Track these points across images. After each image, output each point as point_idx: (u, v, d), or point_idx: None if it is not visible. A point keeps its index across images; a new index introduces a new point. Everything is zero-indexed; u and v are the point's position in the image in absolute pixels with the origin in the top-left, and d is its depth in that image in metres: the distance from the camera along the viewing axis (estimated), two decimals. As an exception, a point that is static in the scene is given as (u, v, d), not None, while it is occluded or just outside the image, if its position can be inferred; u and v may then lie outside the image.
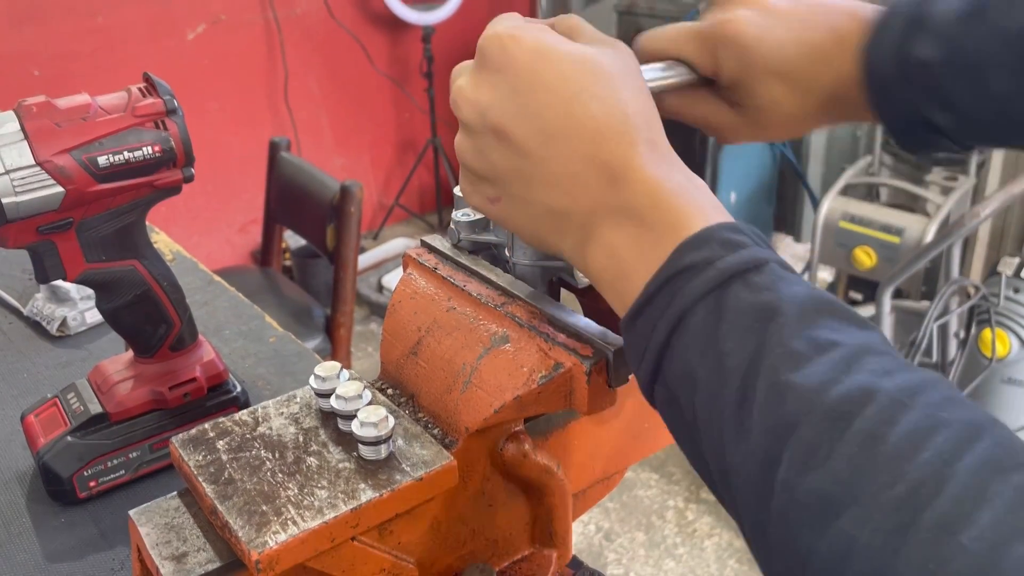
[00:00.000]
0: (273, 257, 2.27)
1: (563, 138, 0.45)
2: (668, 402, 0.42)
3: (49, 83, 2.73)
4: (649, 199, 0.44)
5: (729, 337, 0.39)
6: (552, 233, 0.47)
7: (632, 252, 0.44)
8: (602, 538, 2.25)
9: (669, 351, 0.41)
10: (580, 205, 0.45)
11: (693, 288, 0.40)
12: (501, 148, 0.46)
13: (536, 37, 0.46)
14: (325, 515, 0.47)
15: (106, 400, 0.76)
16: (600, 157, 0.45)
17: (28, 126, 0.63)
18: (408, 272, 0.61)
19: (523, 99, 0.45)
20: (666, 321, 0.41)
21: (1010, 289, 2.01)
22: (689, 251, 0.41)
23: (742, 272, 0.40)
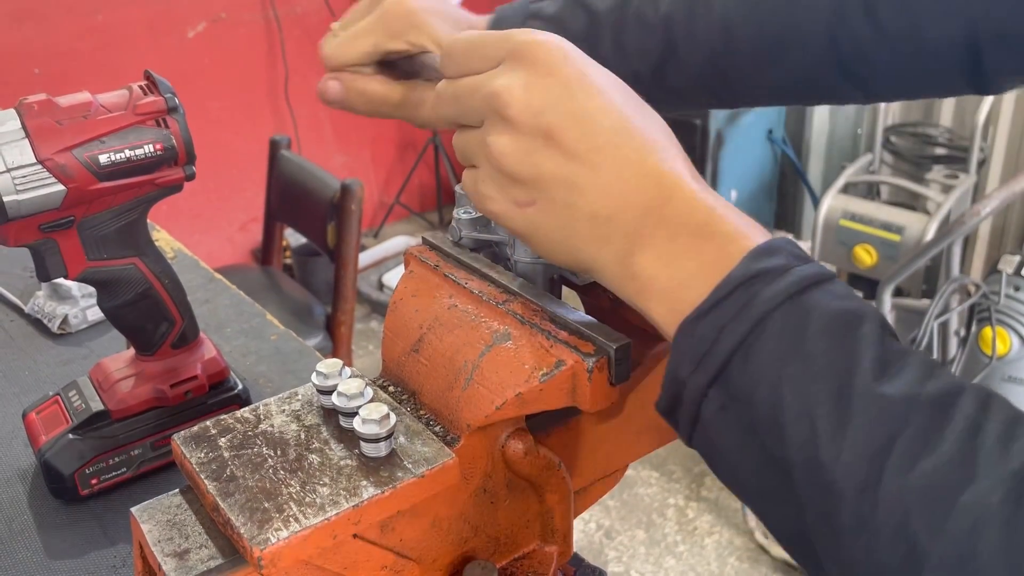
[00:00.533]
0: (274, 255, 2.27)
1: (615, 144, 0.45)
2: (728, 405, 0.41)
3: (50, 81, 2.73)
4: (705, 212, 0.45)
5: (819, 339, 0.39)
6: (590, 241, 0.47)
7: (691, 260, 0.44)
8: (603, 536, 2.25)
9: (743, 353, 0.41)
10: (628, 212, 0.45)
11: (772, 292, 0.41)
12: (550, 151, 0.46)
13: (575, 50, 0.47)
14: (327, 512, 0.47)
15: (107, 398, 0.76)
16: (649, 165, 0.45)
17: (29, 124, 0.63)
18: (409, 270, 0.61)
19: (578, 103, 0.45)
20: (742, 323, 0.41)
21: (1010, 287, 2.01)
22: (762, 258, 0.42)
23: (819, 280, 0.41)
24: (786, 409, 0.39)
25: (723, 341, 0.41)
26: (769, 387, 0.39)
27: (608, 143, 0.45)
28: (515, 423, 0.55)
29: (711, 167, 2.86)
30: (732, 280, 0.42)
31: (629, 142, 0.45)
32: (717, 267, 0.43)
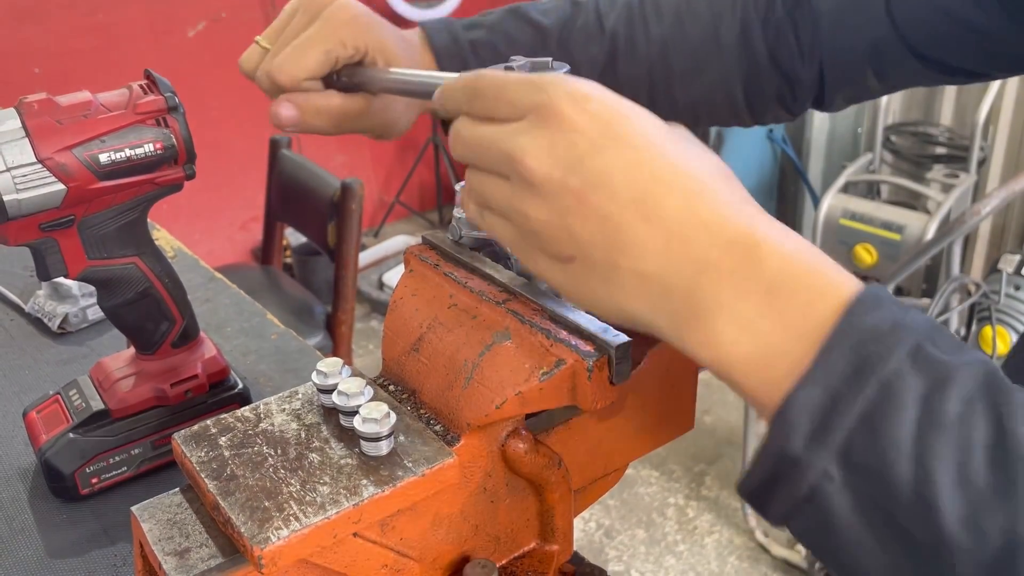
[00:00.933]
0: (274, 254, 2.27)
1: (655, 196, 0.42)
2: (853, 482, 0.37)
3: (50, 80, 2.73)
4: (777, 262, 0.40)
5: (956, 403, 0.36)
6: (640, 299, 0.43)
7: (774, 322, 0.39)
8: (603, 535, 2.25)
9: (867, 424, 0.36)
10: (681, 269, 0.41)
11: (889, 352, 0.37)
12: (582, 211, 0.42)
13: (610, 98, 0.44)
14: (327, 511, 0.47)
15: (108, 397, 0.76)
16: (700, 215, 0.41)
17: (29, 123, 0.63)
18: (410, 269, 0.61)
19: (606, 159, 0.42)
20: (862, 390, 0.37)
21: (1011, 286, 2.01)
22: (866, 312, 0.38)
23: (928, 333, 0.38)
24: (937, 483, 0.35)
25: (841, 411, 0.37)
26: (910, 460, 0.36)
27: (646, 196, 0.42)
28: (515, 422, 0.55)
29: (711, 166, 2.85)
30: (837, 341, 0.38)
31: (671, 192, 0.42)
32: (807, 327, 0.39)
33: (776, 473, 0.39)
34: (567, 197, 0.43)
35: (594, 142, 0.42)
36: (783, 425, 0.38)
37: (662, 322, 0.43)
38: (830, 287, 0.40)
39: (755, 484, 0.40)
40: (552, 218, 0.43)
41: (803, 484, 0.38)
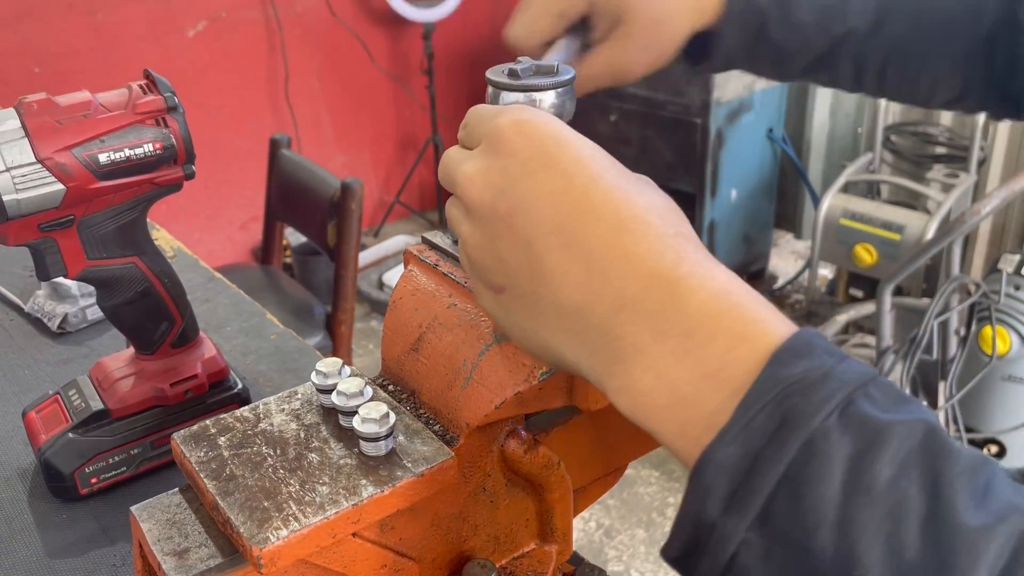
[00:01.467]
0: (274, 254, 2.27)
1: (580, 225, 0.40)
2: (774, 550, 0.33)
3: (49, 80, 2.73)
4: (698, 302, 0.37)
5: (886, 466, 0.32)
6: (563, 337, 0.41)
7: (691, 370, 0.36)
8: (603, 535, 2.25)
9: (790, 486, 0.33)
10: (599, 305, 0.39)
11: (815, 406, 0.33)
12: (508, 236, 0.42)
13: (552, 124, 0.43)
14: (327, 511, 0.47)
15: (107, 397, 0.76)
16: (624, 247, 0.39)
17: (29, 123, 0.63)
18: (409, 269, 0.61)
19: (535, 183, 0.41)
20: (782, 448, 0.33)
21: (1011, 286, 2.01)
22: (790, 360, 0.35)
23: (863, 384, 0.34)
24: (862, 556, 0.31)
25: (761, 473, 0.33)
26: (833, 529, 0.32)
27: (570, 223, 0.40)
28: (514, 422, 0.55)
29: (711, 167, 2.86)
30: (758, 393, 0.34)
31: (597, 221, 0.40)
32: (726, 376, 0.35)
33: (695, 539, 0.35)
34: (497, 222, 0.42)
35: (525, 166, 0.42)
36: (699, 487, 0.35)
37: (583, 363, 0.41)
38: (754, 331, 0.36)
39: (676, 552, 0.37)
40: (484, 243, 0.43)
41: (722, 553, 0.34)
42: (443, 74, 3.57)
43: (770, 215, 3.24)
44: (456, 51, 3.64)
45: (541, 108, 0.50)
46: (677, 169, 2.89)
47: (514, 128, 0.43)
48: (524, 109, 0.45)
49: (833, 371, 0.34)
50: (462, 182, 0.44)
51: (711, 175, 2.87)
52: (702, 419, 0.36)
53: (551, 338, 0.42)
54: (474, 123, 0.47)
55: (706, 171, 2.85)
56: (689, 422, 0.36)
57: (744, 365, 0.35)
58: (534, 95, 0.51)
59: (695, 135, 2.81)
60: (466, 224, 0.44)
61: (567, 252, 0.40)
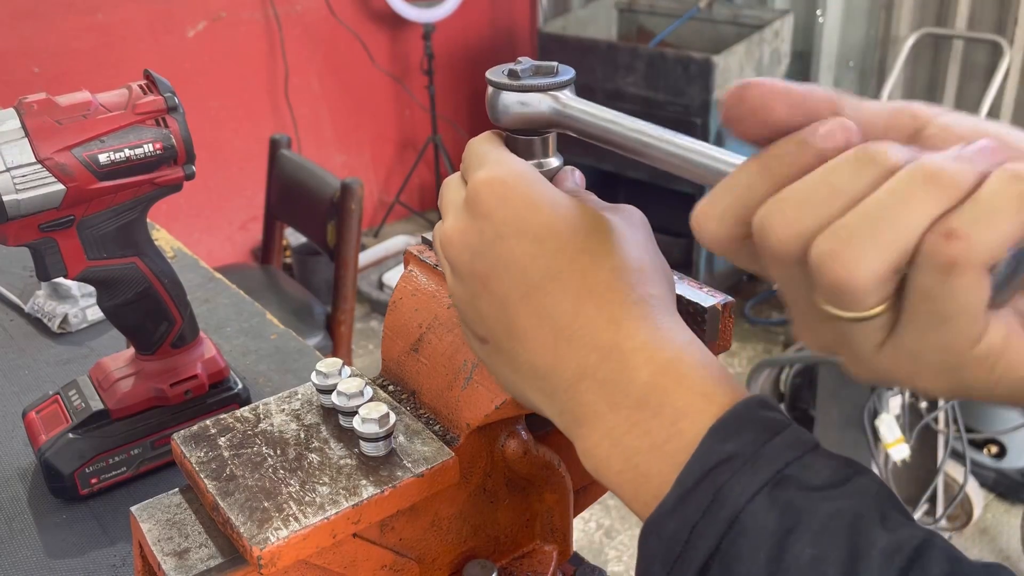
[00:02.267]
0: (274, 254, 2.27)
1: (546, 292, 0.42)
2: None
3: (49, 80, 2.73)
4: (647, 375, 0.39)
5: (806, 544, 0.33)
6: (537, 394, 0.44)
7: (640, 440, 0.38)
8: (603, 535, 2.25)
9: (720, 558, 0.35)
10: (565, 369, 0.41)
11: (743, 483, 0.35)
12: (486, 295, 0.44)
13: (525, 185, 0.43)
14: (327, 511, 0.47)
15: (107, 397, 0.76)
16: (586, 314, 0.41)
17: (29, 123, 0.63)
18: (409, 269, 0.61)
19: (507, 248, 0.42)
20: (713, 524, 0.35)
21: (1011, 286, 2.01)
22: (725, 437, 0.36)
23: (799, 458, 0.35)
24: None
25: (696, 544, 0.35)
26: None
27: (538, 291, 0.42)
28: (515, 422, 0.55)
29: (711, 166, 2.85)
30: (693, 470, 0.36)
31: (563, 290, 0.41)
32: (671, 448, 0.37)
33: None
34: (474, 281, 0.44)
35: (498, 230, 0.43)
36: (646, 552, 0.37)
37: (556, 420, 0.43)
38: (698, 404, 0.38)
39: None
40: (466, 298, 0.45)
41: None
42: (443, 74, 3.57)
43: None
44: (456, 51, 3.64)
45: (539, 110, 0.50)
46: (677, 169, 2.88)
47: (488, 188, 0.44)
48: (501, 164, 0.45)
49: (764, 448, 0.35)
50: (441, 239, 0.46)
51: (711, 175, 2.86)
52: (651, 487, 0.38)
53: (528, 392, 0.44)
54: (468, 160, 0.48)
55: (706, 171, 2.84)
56: (640, 489, 0.38)
57: (685, 438, 0.37)
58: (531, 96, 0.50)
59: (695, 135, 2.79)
60: (451, 278, 0.46)
61: (536, 319, 0.42)
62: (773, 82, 0.35)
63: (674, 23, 3.15)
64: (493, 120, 0.52)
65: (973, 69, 2.79)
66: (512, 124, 0.50)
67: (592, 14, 3.31)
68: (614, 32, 3.39)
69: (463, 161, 0.48)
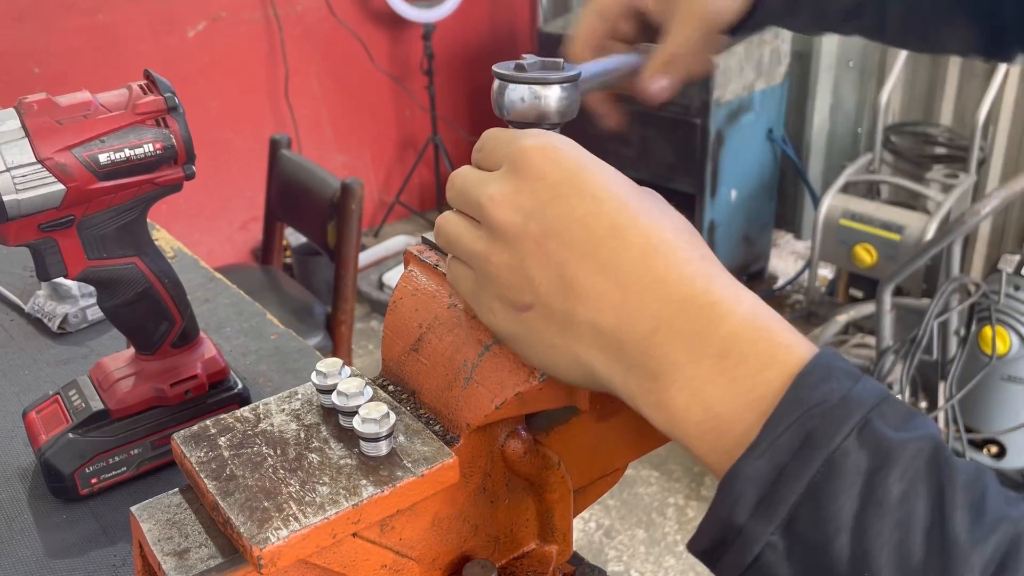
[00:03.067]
0: (274, 254, 2.27)
1: (612, 249, 0.42)
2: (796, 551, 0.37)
3: (49, 80, 2.73)
4: (730, 327, 0.40)
5: (898, 481, 0.36)
6: (596, 353, 0.43)
7: (724, 389, 0.39)
8: (603, 535, 2.25)
9: (811, 497, 0.37)
10: (636, 326, 0.41)
11: (834, 426, 0.37)
12: (541, 257, 0.43)
13: (576, 151, 0.45)
14: (327, 511, 0.47)
15: (107, 397, 0.76)
16: (656, 270, 0.41)
17: (29, 123, 0.63)
18: (409, 269, 0.61)
19: (566, 206, 0.43)
20: (805, 464, 0.37)
21: (1010, 287, 2.01)
22: (812, 384, 0.38)
23: (877, 404, 0.38)
24: (874, 560, 0.35)
25: (786, 485, 0.37)
26: (850, 536, 0.36)
27: (603, 247, 0.42)
28: (515, 422, 0.55)
29: (711, 167, 2.86)
30: (784, 414, 0.38)
31: (628, 246, 0.42)
32: (756, 396, 0.39)
33: (723, 539, 0.39)
34: (527, 242, 0.43)
35: (555, 190, 0.43)
36: (729, 495, 0.38)
37: (617, 379, 0.43)
38: (781, 354, 0.39)
39: (703, 546, 0.40)
40: (512, 263, 0.44)
41: (748, 552, 0.38)
42: (443, 74, 3.57)
43: (770, 215, 3.24)
44: (456, 51, 3.64)
45: (547, 103, 0.51)
46: (677, 169, 2.89)
47: (540, 152, 0.44)
48: (546, 133, 0.46)
49: (850, 393, 0.38)
50: (487, 204, 0.45)
51: (711, 175, 2.87)
52: (733, 435, 0.39)
53: (584, 354, 0.43)
54: (491, 146, 0.48)
55: (706, 171, 2.85)
56: (721, 437, 0.39)
57: (772, 386, 0.39)
58: (539, 89, 0.51)
59: (695, 135, 2.81)
60: (494, 245, 0.45)
61: (602, 275, 0.42)
62: None
63: (674, 23, 3.14)
64: (500, 113, 0.52)
65: (973, 69, 2.79)
66: (520, 117, 0.51)
67: (592, 14, 3.31)
68: (614, 32, 3.39)
69: (483, 149, 0.48)
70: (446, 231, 0.49)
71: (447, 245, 0.49)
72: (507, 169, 0.45)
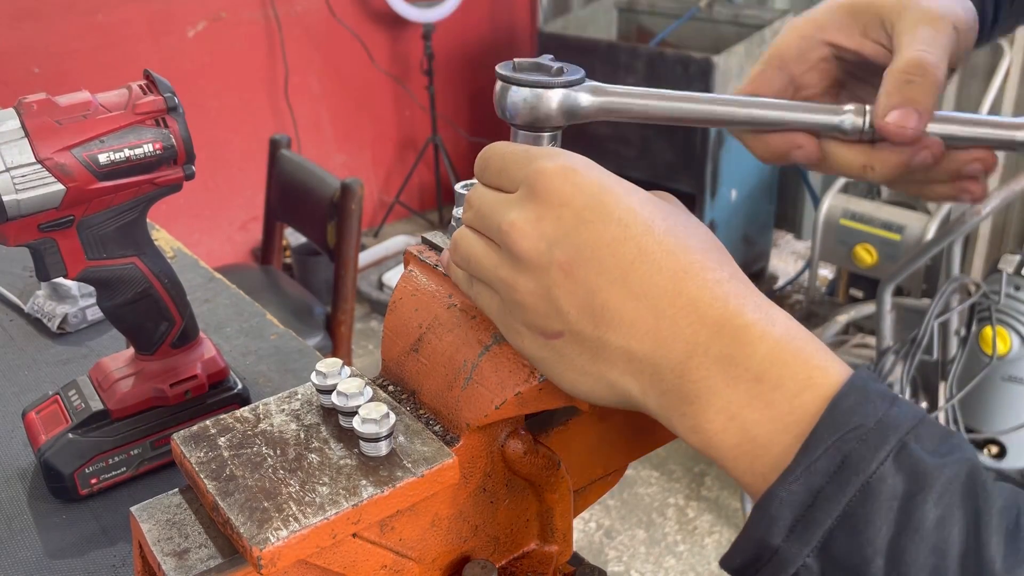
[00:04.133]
0: (274, 254, 2.27)
1: (641, 274, 0.41)
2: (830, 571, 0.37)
3: (49, 80, 2.73)
4: (766, 349, 0.40)
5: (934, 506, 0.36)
6: (629, 380, 0.43)
7: (760, 412, 0.39)
8: (603, 535, 2.25)
9: (847, 521, 0.37)
10: (670, 351, 0.41)
11: (870, 450, 0.37)
12: (569, 285, 0.42)
13: (596, 172, 0.44)
14: (327, 512, 0.47)
15: (107, 397, 0.76)
16: (689, 294, 0.41)
17: (28, 124, 0.63)
18: (409, 269, 0.61)
19: (593, 232, 0.42)
20: (841, 488, 0.37)
21: (1011, 287, 2.01)
22: (850, 408, 0.38)
23: (914, 427, 0.38)
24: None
25: (822, 508, 0.37)
26: (885, 560, 0.36)
27: (633, 272, 0.41)
28: (515, 422, 0.55)
29: (711, 167, 2.85)
30: (820, 437, 0.38)
31: (659, 270, 0.41)
32: (793, 419, 0.39)
33: (757, 558, 0.39)
34: (554, 271, 0.43)
35: (580, 216, 0.42)
36: (765, 516, 0.38)
37: (651, 403, 0.43)
38: (817, 377, 0.39)
39: (736, 564, 0.40)
40: (539, 291, 0.43)
41: (782, 574, 0.38)
42: (443, 74, 3.57)
43: (770, 215, 3.24)
44: (456, 51, 3.64)
45: (549, 105, 0.50)
46: (677, 169, 2.88)
47: (561, 176, 0.43)
48: (562, 154, 0.45)
49: (886, 416, 0.38)
50: (509, 231, 0.44)
51: (711, 175, 2.87)
52: (769, 458, 0.39)
53: (618, 379, 0.43)
54: (500, 165, 0.47)
55: (706, 171, 2.85)
56: (757, 460, 0.39)
57: (808, 410, 0.39)
58: (542, 92, 0.50)
59: (695, 135, 2.81)
60: (520, 275, 0.44)
61: (634, 301, 0.42)
62: None
63: (674, 23, 3.15)
64: (502, 115, 0.52)
65: (973, 69, 2.79)
66: (526, 121, 0.50)
67: (592, 14, 3.32)
68: (614, 32, 3.39)
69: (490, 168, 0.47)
70: (466, 253, 0.48)
71: (467, 267, 0.48)
72: (526, 194, 0.44)
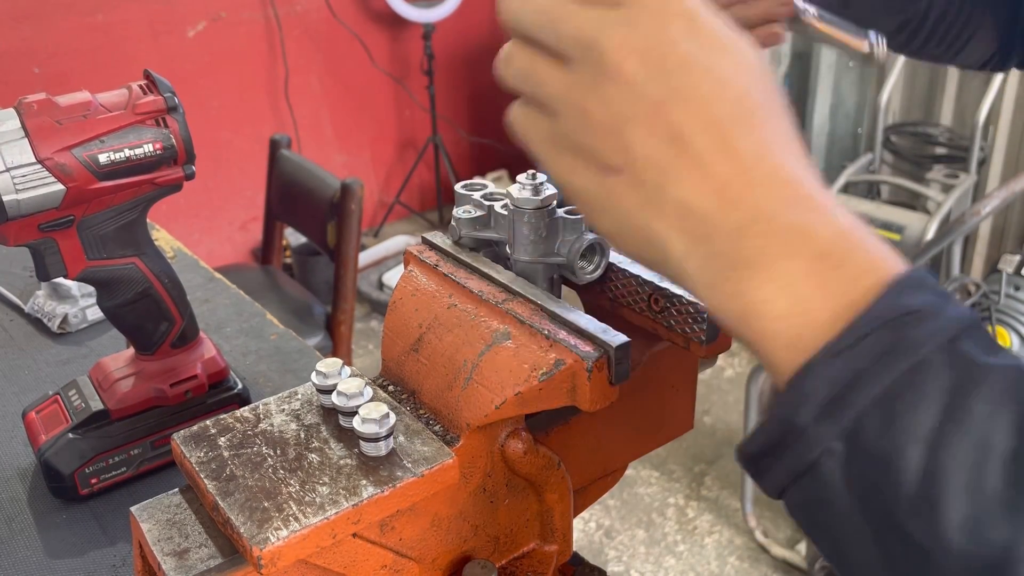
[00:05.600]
0: (274, 254, 2.27)
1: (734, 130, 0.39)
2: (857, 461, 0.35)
3: (49, 80, 2.73)
4: (833, 230, 0.38)
5: (984, 402, 0.34)
6: (678, 234, 0.40)
7: (815, 288, 0.37)
8: (603, 535, 2.25)
9: (886, 405, 0.35)
10: (733, 214, 0.38)
11: (924, 337, 0.35)
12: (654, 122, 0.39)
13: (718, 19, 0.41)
14: (327, 511, 0.47)
15: (107, 397, 0.76)
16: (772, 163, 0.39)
17: (29, 124, 0.63)
18: (409, 269, 0.61)
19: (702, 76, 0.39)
20: (886, 370, 0.35)
21: (1011, 287, 2.01)
22: (909, 292, 0.36)
23: (969, 326, 0.36)
24: (946, 479, 0.33)
25: (861, 388, 0.35)
26: (922, 452, 0.34)
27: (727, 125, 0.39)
28: (515, 422, 0.55)
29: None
30: (875, 317, 0.35)
31: (751, 131, 0.39)
32: (849, 299, 0.37)
33: (780, 441, 0.37)
34: (643, 103, 0.39)
35: (695, 57, 0.39)
36: (797, 393, 0.36)
37: (691, 264, 0.40)
38: (879, 264, 0.37)
39: (756, 449, 0.38)
40: (615, 121, 0.39)
41: (804, 457, 0.36)
42: (443, 74, 3.57)
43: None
44: (456, 51, 3.64)
45: None
46: (677, 169, 2.87)
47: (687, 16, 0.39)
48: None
49: (944, 309, 0.36)
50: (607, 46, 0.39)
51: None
52: (814, 333, 0.37)
53: (663, 232, 0.40)
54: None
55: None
56: (802, 333, 0.37)
57: (867, 295, 0.37)
58: None
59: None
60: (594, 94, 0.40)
61: (718, 155, 0.39)
62: None
63: (674, 23, 3.14)
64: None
65: (973, 69, 2.79)
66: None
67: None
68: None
69: None
70: (520, 67, 0.42)
71: (520, 82, 0.42)
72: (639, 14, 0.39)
